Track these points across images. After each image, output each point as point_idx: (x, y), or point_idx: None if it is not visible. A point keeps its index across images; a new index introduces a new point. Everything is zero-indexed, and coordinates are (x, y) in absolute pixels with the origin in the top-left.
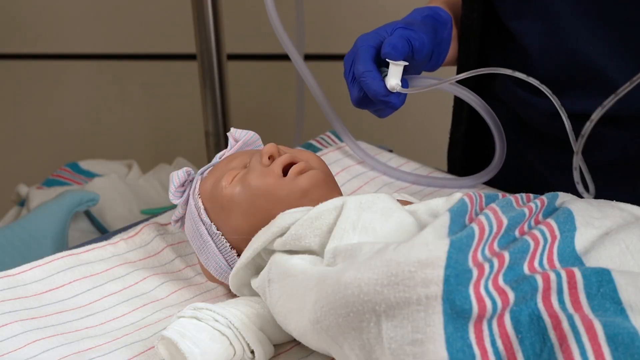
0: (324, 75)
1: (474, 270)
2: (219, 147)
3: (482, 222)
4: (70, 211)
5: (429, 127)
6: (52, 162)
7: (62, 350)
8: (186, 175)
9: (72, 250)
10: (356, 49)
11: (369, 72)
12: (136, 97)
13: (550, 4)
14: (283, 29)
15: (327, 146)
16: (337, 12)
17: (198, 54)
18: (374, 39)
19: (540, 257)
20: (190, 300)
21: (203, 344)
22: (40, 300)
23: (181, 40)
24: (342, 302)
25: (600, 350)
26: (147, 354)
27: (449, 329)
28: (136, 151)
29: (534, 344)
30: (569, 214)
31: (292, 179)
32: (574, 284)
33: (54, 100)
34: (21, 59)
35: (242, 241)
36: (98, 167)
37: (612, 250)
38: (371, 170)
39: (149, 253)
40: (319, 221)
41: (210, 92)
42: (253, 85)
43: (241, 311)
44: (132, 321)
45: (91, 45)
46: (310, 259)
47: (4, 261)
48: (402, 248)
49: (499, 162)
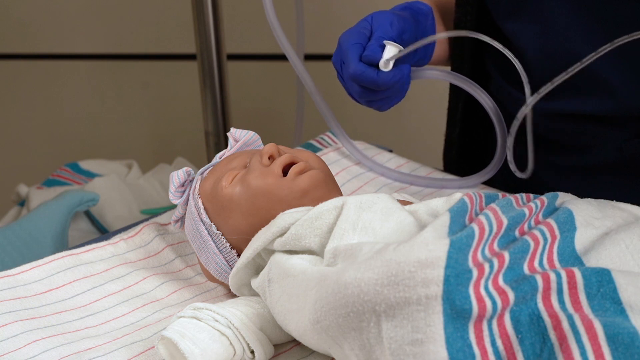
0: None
1: (474, 270)
2: (219, 147)
3: (482, 222)
4: (70, 211)
5: (428, 127)
6: (52, 162)
7: (62, 350)
8: (186, 175)
9: (72, 250)
10: (341, 49)
11: (363, 71)
12: (136, 97)
13: (544, 5)
14: (281, 29)
15: (327, 146)
16: (337, 12)
17: (198, 54)
18: (357, 35)
19: (540, 257)
20: (190, 300)
21: (203, 343)
22: (40, 300)
23: (181, 40)
24: (342, 302)
25: (600, 350)
26: (147, 354)
27: (449, 329)
28: (136, 151)
29: (534, 344)
30: (569, 214)
31: (292, 179)
32: (574, 284)
33: (54, 100)
34: (21, 59)
35: (242, 241)
36: (98, 167)
37: (612, 250)
38: (371, 171)
39: (149, 253)
40: (319, 221)
41: (210, 92)
42: (253, 85)
43: (241, 311)
44: (132, 321)
45: (91, 45)
46: (310, 259)
47: (4, 261)
48: (402, 248)
49: (500, 159)
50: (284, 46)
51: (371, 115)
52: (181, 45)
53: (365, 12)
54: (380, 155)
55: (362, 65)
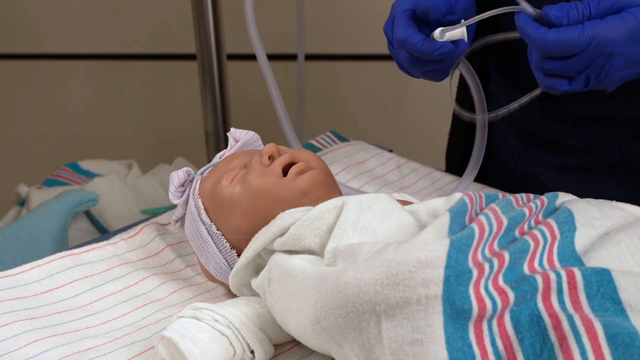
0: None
1: (474, 270)
2: (219, 147)
3: (482, 222)
4: (70, 211)
5: (429, 127)
6: (52, 162)
7: (62, 350)
8: (186, 175)
9: (72, 250)
10: (393, 15)
11: (410, 37)
12: (136, 97)
13: None
14: (255, 25)
15: (327, 146)
16: (336, 12)
17: (198, 54)
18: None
19: (540, 257)
20: (190, 300)
21: (203, 343)
22: (40, 300)
23: (181, 40)
24: (342, 302)
25: (600, 350)
26: (147, 354)
27: (449, 329)
28: (136, 151)
29: (534, 344)
30: (569, 214)
31: (292, 179)
32: (574, 284)
33: (54, 100)
34: (21, 59)
35: (242, 241)
36: (98, 167)
37: (612, 250)
38: (371, 170)
39: (149, 253)
40: (319, 221)
41: (210, 92)
42: (253, 85)
43: (241, 311)
44: (132, 321)
45: (91, 45)
46: (310, 259)
47: (4, 261)
48: (402, 248)
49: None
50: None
51: (371, 115)
52: (181, 45)
53: (365, 12)
54: (379, 156)
55: (411, 30)
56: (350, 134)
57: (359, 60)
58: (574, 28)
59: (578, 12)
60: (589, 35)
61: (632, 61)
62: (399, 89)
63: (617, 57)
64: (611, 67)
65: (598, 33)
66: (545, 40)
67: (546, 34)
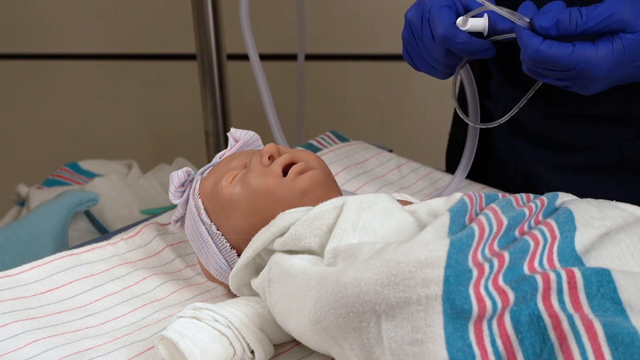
0: (324, 75)
1: (474, 270)
2: (219, 147)
3: (482, 222)
4: (70, 211)
5: (429, 127)
6: (52, 162)
7: (62, 350)
8: (186, 175)
9: (72, 250)
10: (428, 9)
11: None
12: (136, 97)
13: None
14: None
15: (327, 146)
16: (336, 12)
17: (198, 54)
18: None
19: (540, 257)
20: (190, 300)
21: (203, 343)
22: (40, 300)
23: (181, 40)
24: (342, 302)
25: (600, 350)
26: (147, 354)
27: (449, 329)
28: (136, 151)
29: (534, 344)
30: (569, 214)
31: (292, 179)
32: (574, 284)
33: (54, 100)
34: (21, 59)
35: (242, 241)
36: (98, 167)
37: (612, 250)
38: (371, 170)
39: (149, 253)
40: (319, 221)
41: (210, 92)
42: (253, 85)
43: (241, 311)
44: (132, 321)
45: (91, 46)
46: (310, 259)
47: (4, 261)
48: (402, 248)
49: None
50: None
51: (371, 115)
52: (181, 45)
53: (365, 12)
54: (379, 156)
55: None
56: (350, 134)
57: (359, 60)
58: (565, 46)
59: (570, 23)
60: (578, 58)
61: (612, 82)
62: (399, 89)
63: (599, 81)
64: (591, 87)
65: (587, 58)
66: (537, 51)
67: (539, 45)
